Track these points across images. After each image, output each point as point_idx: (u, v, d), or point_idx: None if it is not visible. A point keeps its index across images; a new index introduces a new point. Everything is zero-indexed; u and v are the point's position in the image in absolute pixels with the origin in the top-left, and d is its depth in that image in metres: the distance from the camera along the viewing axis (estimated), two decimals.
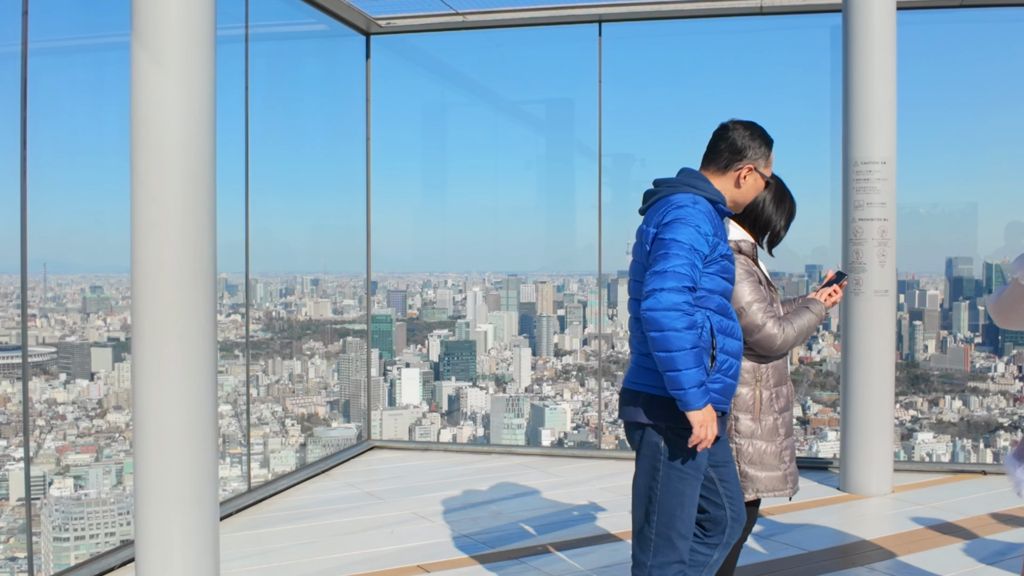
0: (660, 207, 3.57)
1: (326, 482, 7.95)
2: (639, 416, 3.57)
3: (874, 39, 7.15)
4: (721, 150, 3.72)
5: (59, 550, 7.67)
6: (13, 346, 8.07)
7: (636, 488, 3.68)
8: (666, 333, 3.31)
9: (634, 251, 3.71)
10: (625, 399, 3.64)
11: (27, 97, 5.33)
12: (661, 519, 3.58)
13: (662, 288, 3.33)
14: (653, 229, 3.52)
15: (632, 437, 3.66)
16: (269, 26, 8.79)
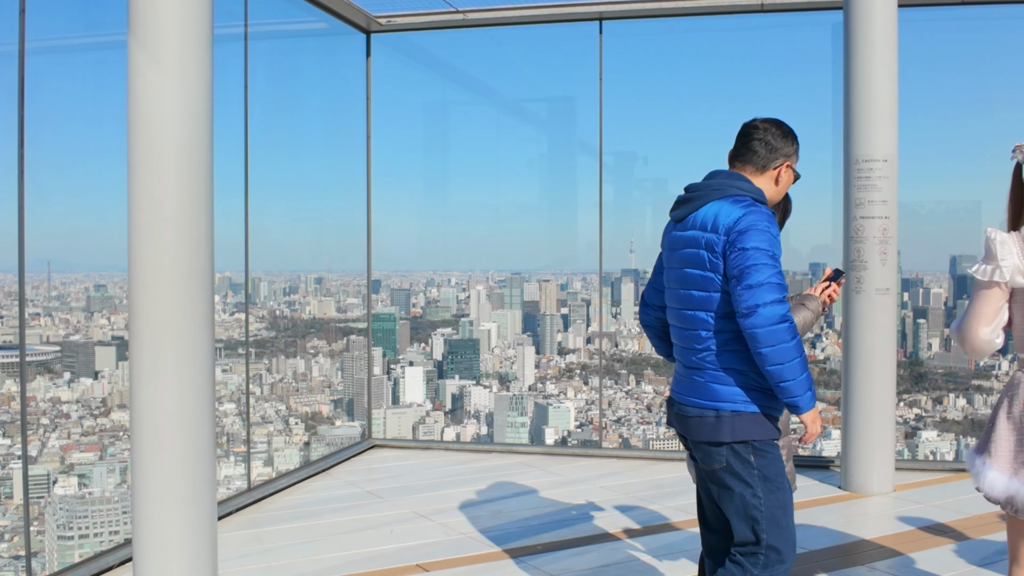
0: (717, 211, 3.49)
1: (327, 481, 7.95)
2: (722, 435, 3.51)
3: (875, 36, 7.12)
4: (756, 149, 3.66)
5: (63, 548, 7.68)
6: (15, 345, 8.09)
7: (732, 508, 3.58)
8: (777, 347, 3.30)
9: (673, 257, 3.66)
10: (699, 419, 3.55)
11: (24, 97, 5.33)
12: (771, 533, 3.54)
13: (764, 302, 3.30)
14: (722, 236, 3.42)
15: (711, 456, 3.56)
16: (269, 24, 8.79)
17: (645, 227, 11.53)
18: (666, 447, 10.39)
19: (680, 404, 3.64)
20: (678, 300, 3.63)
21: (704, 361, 3.53)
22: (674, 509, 6.83)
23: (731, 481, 3.54)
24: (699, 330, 3.53)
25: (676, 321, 3.66)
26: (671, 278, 3.69)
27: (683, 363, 3.66)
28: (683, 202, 3.66)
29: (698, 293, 3.52)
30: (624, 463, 8.52)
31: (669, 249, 3.72)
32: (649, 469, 8.20)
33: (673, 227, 3.71)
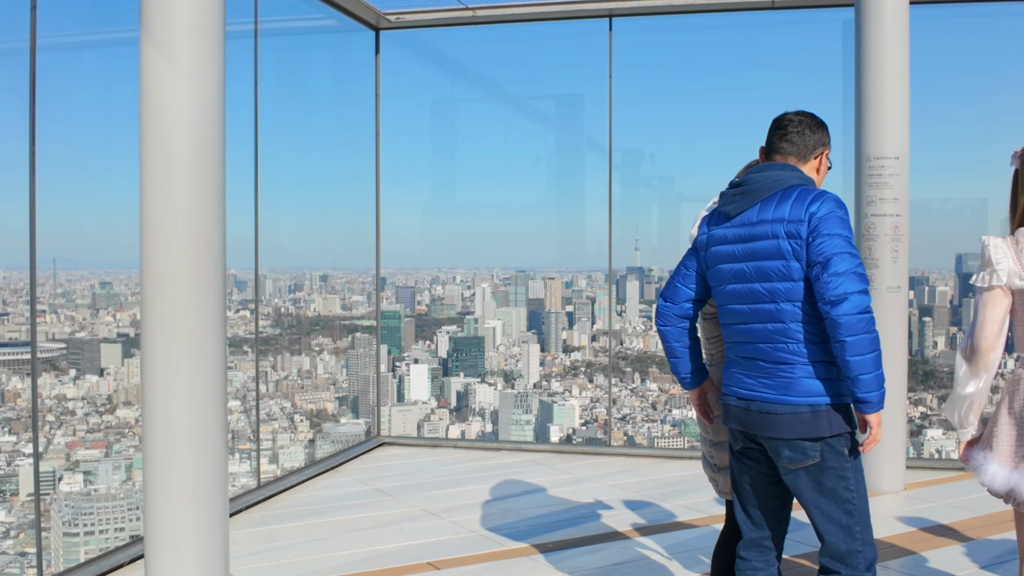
0: (791, 199, 3.43)
1: (336, 478, 7.94)
2: (820, 430, 3.42)
3: (887, 34, 7.10)
4: (795, 141, 3.62)
5: (68, 545, 7.68)
6: (23, 342, 8.08)
7: (823, 505, 3.50)
8: (860, 338, 3.26)
9: (733, 252, 3.57)
10: (792, 416, 3.44)
11: (36, 93, 5.32)
12: (863, 526, 3.51)
13: (853, 291, 3.26)
14: (805, 224, 3.35)
15: (805, 453, 3.46)
16: (278, 21, 8.77)
17: (651, 225, 11.52)
18: (673, 445, 10.39)
19: (760, 402, 3.50)
20: (750, 295, 3.51)
21: (794, 355, 3.44)
22: (684, 507, 6.82)
23: (824, 476, 3.47)
24: (787, 322, 3.43)
25: (746, 317, 3.54)
26: (729, 274, 3.58)
27: (759, 359, 3.52)
28: (738, 196, 3.58)
29: (783, 284, 3.42)
30: (632, 461, 8.51)
31: (721, 244, 3.62)
32: (658, 467, 8.20)
33: (725, 222, 3.62)
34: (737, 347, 3.63)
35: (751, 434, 3.60)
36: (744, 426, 3.59)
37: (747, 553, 3.80)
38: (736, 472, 3.78)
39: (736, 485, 3.79)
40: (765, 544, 3.77)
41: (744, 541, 3.80)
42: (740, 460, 3.73)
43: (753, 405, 3.53)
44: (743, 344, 3.59)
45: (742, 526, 3.80)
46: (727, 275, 3.60)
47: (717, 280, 3.66)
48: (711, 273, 3.69)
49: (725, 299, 3.63)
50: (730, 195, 3.62)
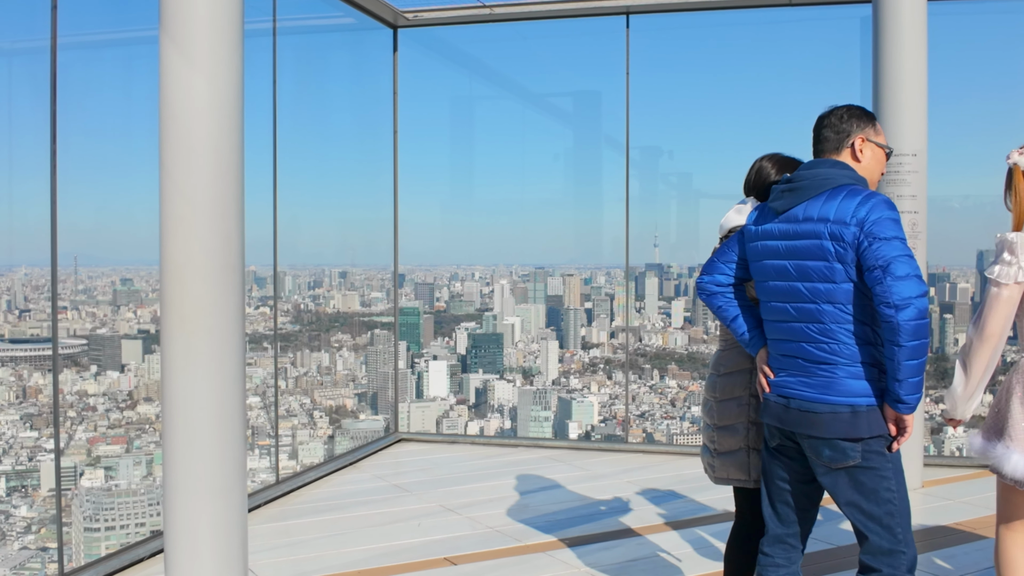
0: (837, 200, 3.40)
1: (354, 474, 7.98)
2: (860, 430, 3.41)
3: (904, 30, 7.08)
4: (827, 136, 3.62)
5: (90, 540, 7.73)
6: (44, 338, 8.14)
7: (863, 506, 3.47)
8: (921, 343, 3.27)
9: (776, 249, 3.56)
10: (832, 416, 3.43)
11: (56, 92, 5.36)
12: (904, 527, 3.48)
13: (915, 295, 3.24)
14: (852, 226, 3.33)
15: (845, 453, 3.44)
16: (297, 19, 8.81)
17: (670, 222, 11.51)
18: (691, 442, 10.38)
19: (800, 400, 3.50)
20: (792, 294, 3.52)
21: (836, 355, 3.43)
22: (701, 504, 6.82)
23: (865, 476, 3.45)
24: (828, 323, 3.43)
25: (788, 316, 3.55)
26: (772, 270, 3.59)
27: (800, 357, 3.52)
28: (787, 192, 3.57)
29: (824, 285, 3.42)
30: (650, 458, 8.52)
31: (767, 240, 3.61)
32: (675, 464, 8.20)
33: (773, 217, 3.61)
34: (778, 344, 3.64)
35: (788, 431, 3.60)
36: (782, 423, 3.58)
37: (770, 549, 3.79)
38: (768, 468, 3.78)
39: (766, 480, 3.79)
40: (789, 541, 3.77)
41: (768, 537, 3.80)
42: (774, 456, 3.74)
43: (792, 403, 3.54)
44: (784, 342, 3.60)
45: (768, 522, 3.79)
46: (770, 271, 3.61)
47: (761, 275, 3.66)
48: (755, 267, 3.70)
49: (768, 295, 3.64)
50: (779, 191, 3.61)
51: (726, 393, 4.12)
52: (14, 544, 7.50)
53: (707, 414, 4.21)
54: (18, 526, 7.59)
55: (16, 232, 7.84)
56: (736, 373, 4.10)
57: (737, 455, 4.08)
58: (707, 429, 4.22)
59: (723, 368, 4.17)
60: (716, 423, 4.14)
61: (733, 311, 3.85)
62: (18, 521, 7.61)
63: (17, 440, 7.87)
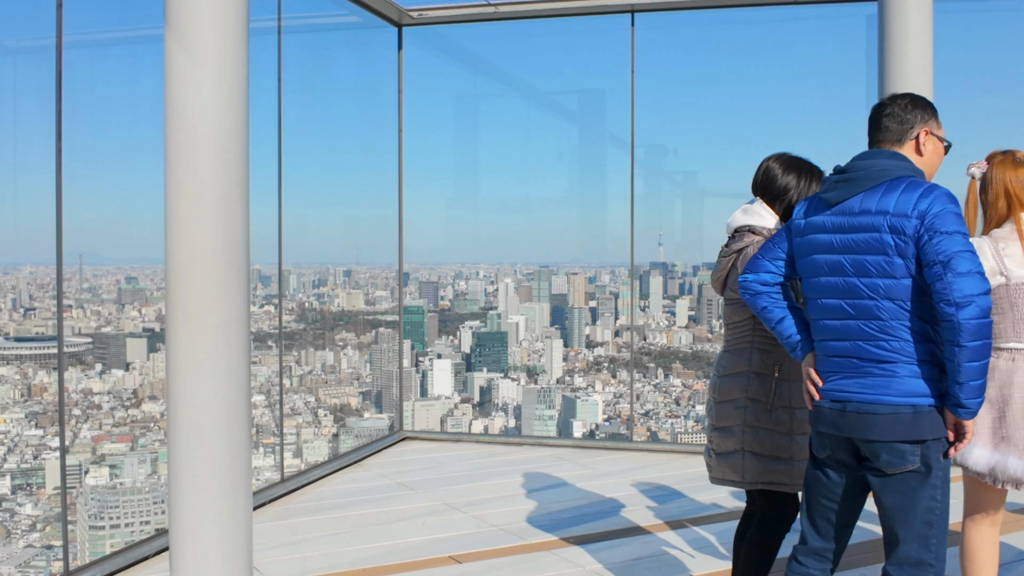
0: (897, 192, 3.28)
1: (358, 472, 7.98)
2: (922, 432, 3.26)
3: (910, 28, 7.06)
4: (888, 125, 3.49)
5: (95, 538, 7.74)
6: (50, 336, 8.15)
7: (908, 515, 3.34)
8: (984, 343, 3.13)
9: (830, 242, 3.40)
10: (893, 417, 3.27)
11: (62, 90, 5.37)
12: (940, 539, 3.36)
13: (978, 293, 3.13)
14: (913, 220, 3.20)
15: (903, 457, 3.29)
16: (302, 18, 8.81)
17: (674, 220, 11.50)
18: (696, 440, 10.38)
19: (858, 403, 3.33)
20: (848, 290, 3.35)
21: (896, 353, 3.28)
22: (706, 503, 6.82)
23: (918, 482, 3.32)
24: (888, 320, 3.28)
25: (843, 313, 3.38)
26: (825, 265, 3.42)
27: (856, 357, 3.35)
28: (841, 183, 3.42)
29: (883, 281, 3.27)
30: (654, 456, 8.51)
31: (818, 233, 3.46)
32: (680, 463, 8.19)
33: (825, 209, 3.46)
34: (829, 344, 3.47)
35: (842, 439, 3.42)
36: (838, 429, 3.40)
37: (805, 559, 3.64)
38: (812, 481, 3.59)
39: (809, 493, 3.62)
40: (825, 555, 3.62)
41: (804, 547, 3.64)
42: (821, 469, 3.55)
43: (849, 406, 3.36)
44: (837, 341, 3.43)
45: (805, 533, 3.63)
46: (821, 267, 3.44)
47: (810, 271, 3.50)
48: (804, 263, 3.53)
49: (818, 292, 3.47)
50: (832, 181, 3.46)
51: (724, 395, 4.12)
52: (19, 542, 7.52)
53: (708, 414, 4.23)
54: (23, 524, 7.60)
55: (21, 230, 7.85)
56: (735, 375, 4.09)
57: (732, 457, 4.07)
58: (708, 429, 4.24)
59: (722, 369, 4.16)
60: (715, 424, 4.16)
61: (779, 312, 3.65)
62: (23, 519, 7.62)
63: (22, 438, 7.88)
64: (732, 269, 4.07)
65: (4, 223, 7.98)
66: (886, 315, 3.29)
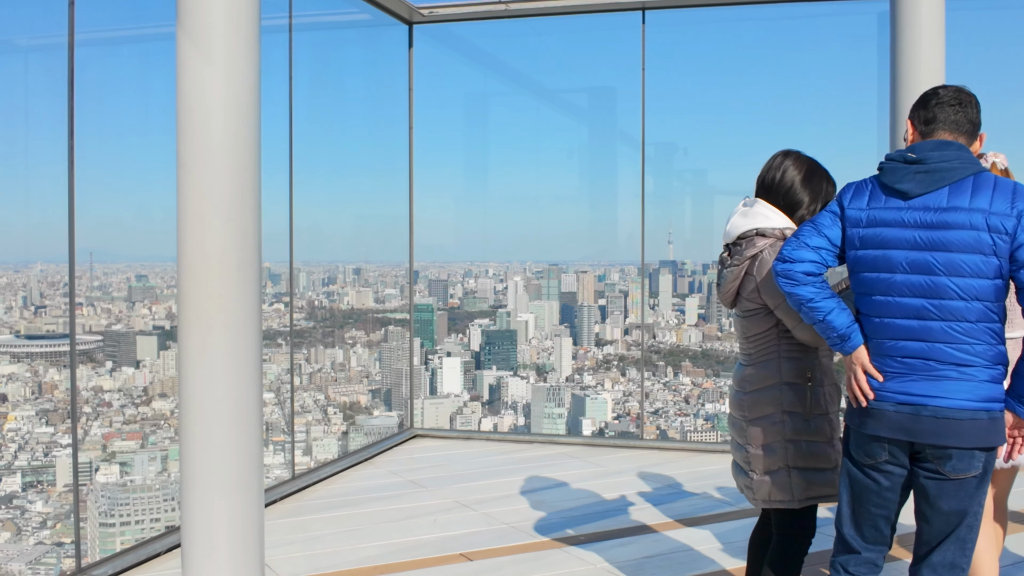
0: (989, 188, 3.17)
1: (369, 470, 7.99)
2: (995, 437, 3.21)
3: (922, 25, 7.04)
4: (973, 118, 3.35)
5: (105, 535, 7.76)
6: (60, 334, 8.17)
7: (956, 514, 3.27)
8: None
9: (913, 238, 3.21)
10: (972, 422, 3.17)
11: (74, 88, 5.38)
12: (974, 543, 3.33)
13: None
14: (1012, 217, 3.11)
15: (970, 464, 3.21)
16: (312, 16, 8.82)
17: (684, 218, 11.50)
18: (705, 439, 10.37)
19: (935, 407, 3.19)
20: (934, 289, 3.18)
21: (978, 357, 3.18)
22: (717, 501, 6.81)
23: (975, 487, 3.25)
24: (975, 321, 3.17)
25: (925, 313, 3.20)
26: (904, 262, 3.23)
27: (934, 359, 3.20)
28: (921, 174, 3.24)
29: (978, 281, 3.14)
30: (664, 454, 8.50)
31: (892, 227, 3.27)
32: (690, 461, 8.18)
33: (898, 200, 3.28)
34: (899, 345, 3.28)
35: (904, 444, 3.28)
36: (910, 434, 3.24)
37: (857, 570, 3.51)
38: (861, 489, 3.43)
39: (855, 502, 3.46)
40: (878, 563, 3.51)
41: (855, 557, 3.51)
42: (869, 476, 3.39)
43: (924, 411, 3.21)
44: (912, 342, 3.25)
45: (851, 543, 3.50)
46: (899, 263, 3.25)
47: (878, 266, 3.30)
48: (867, 256, 3.33)
49: (890, 290, 3.27)
50: (909, 171, 3.27)
51: (756, 412, 3.86)
52: (30, 539, 7.54)
53: (737, 433, 3.98)
54: (33, 521, 7.62)
55: (32, 229, 7.87)
56: (764, 390, 3.84)
57: (777, 476, 3.82)
58: (739, 449, 3.99)
59: (749, 385, 3.90)
60: (747, 444, 3.91)
61: (829, 304, 3.37)
62: (34, 516, 7.65)
63: (33, 436, 7.90)
64: (746, 278, 3.81)
65: (15, 222, 8.01)
66: (973, 317, 3.17)
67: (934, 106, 3.36)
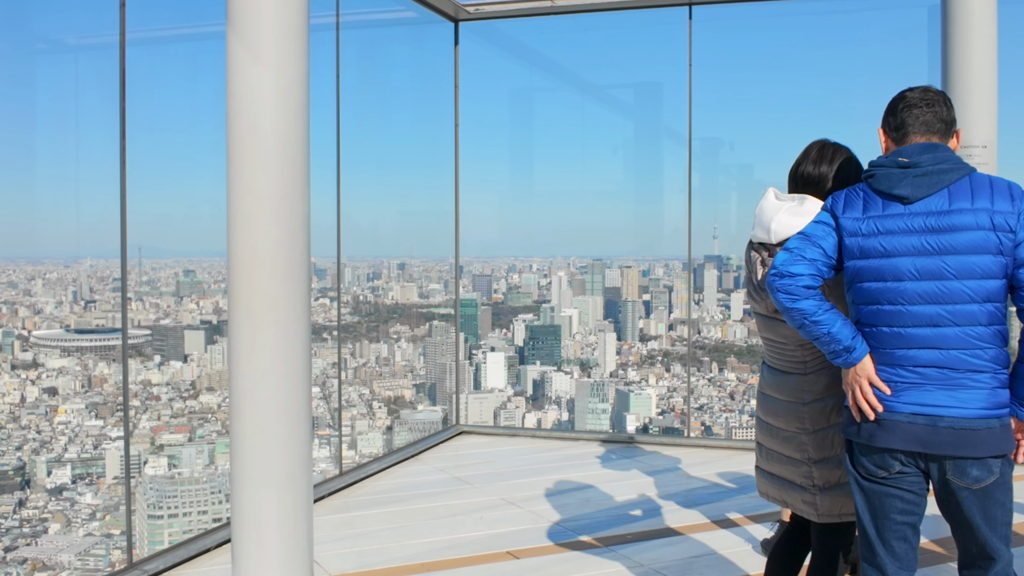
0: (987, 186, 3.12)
1: (416, 466, 8.02)
2: (1006, 444, 3.15)
3: (974, 18, 6.95)
4: (943, 116, 3.26)
5: (153, 528, 7.85)
6: (110, 328, 8.27)
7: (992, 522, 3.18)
8: None
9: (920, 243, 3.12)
10: (987, 431, 3.11)
11: (125, 87, 5.43)
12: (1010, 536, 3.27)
13: None
14: (1015, 215, 3.07)
15: (989, 470, 3.13)
16: (359, 14, 8.86)
17: (730, 214, 11.44)
18: (750, 436, 10.30)
19: (952, 418, 3.11)
20: (948, 295, 3.10)
21: (990, 363, 3.12)
22: (763, 501, 6.75)
23: (999, 491, 3.17)
24: (988, 325, 3.10)
25: (939, 320, 3.12)
26: (913, 269, 3.14)
27: (949, 367, 3.13)
28: (919, 177, 3.17)
29: (990, 282, 3.08)
30: (710, 452, 8.45)
31: (894, 234, 3.18)
32: (737, 459, 8.13)
33: (890, 208, 3.20)
34: (912, 354, 3.18)
35: (921, 455, 3.20)
36: (927, 446, 3.15)
37: None
38: (878, 503, 3.32)
39: (876, 518, 3.34)
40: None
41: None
42: (886, 487, 3.29)
43: (942, 422, 3.12)
44: (926, 351, 3.16)
45: (884, 566, 3.34)
46: (907, 270, 3.16)
47: (887, 274, 3.20)
48: (871, 265, 3.23)
49: (900, 298, 3.18)
50: (906, 176, 3.20)
51: (820, 422, 3.63)
52: (79, 531, 7.64)
53: (791, 448, 3.74)
54: (83, 513, 7.72)
55: (83, 225, 7.97)
56: (829, 398, 3.62)
57: (844, 488, 3.62)
58: (793, 464, 3.74)
59: (810, 396, 3.65)
60: (810, 457, 3.67)
61: (831, 316, 3.25)
62: (83, 508, 7.74)
63: (83, 428, 8.01)
64: None
65: (67, 218, 8.11)
66: (985, 320, 3.10)
67: (901, 111, 3.30)
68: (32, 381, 8.07)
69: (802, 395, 3.66)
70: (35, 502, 7.68)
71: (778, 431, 3.78)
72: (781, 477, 3.80)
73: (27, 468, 7.79)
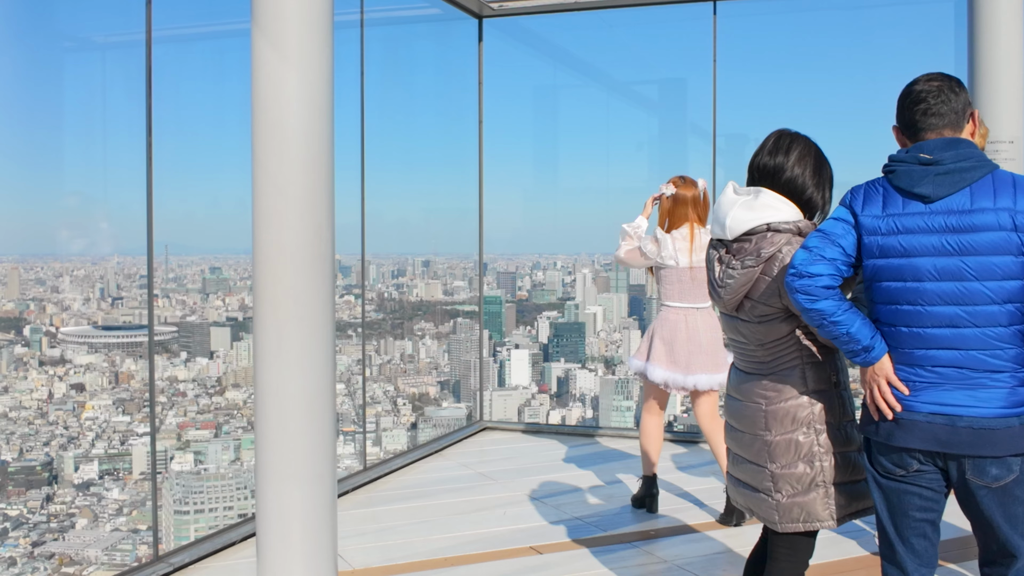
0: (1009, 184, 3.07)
1: (439, 462, 8.04)
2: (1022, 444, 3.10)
3: (1000, 12, 6.91)
4: (943, 110, 3.19)
5: (179, 523, 7.91)
6: (137, 325, 8.33)
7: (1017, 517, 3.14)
8: None
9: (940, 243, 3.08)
10: (1007, 431, 3.07)
11: (152, 85, 5.47)
12: None
13: None
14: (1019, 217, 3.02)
15: (1009, 469, 3.09)
16: (384, 11, 8.88)
17: None
18: None
19: (971, 417, 3.09)
20: (968, 295, 3.07)
21: (1011, 363, 3.09)
22: None
23: (1019, 490, 3.13)
24: (1009, 326, 3.07)
25: (959, 321, 3.09)
26: (933, 270, 3.10)
27: (969, 368, 3.10)
28: (941, 175, 3.12)
29: (1011, 283, 3.03)
30: None
31: (914, 233, 3.13)
32: None
33: (917, 204, 3.15)
34: (931, 355, 3.15)
35: (939, 454, 3.16)
36: (945, 446, 3.12)
37: None
38: (897, 496, 3.28)
39: (896, 511, 3.30)
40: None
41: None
42: (904, 485, 3.26)
43: (961, 421, 3.09)
44: (945, 351, 3.12)
45: (904, 564, 3.31)
46: (927, 270, 3.12)
47: (906, 274, 3.17)
48: (891, 265, 3.19)
49: (919, 298, 3.14)
50: (928, 174, 3.14)
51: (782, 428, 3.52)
52: (106, 526, 7.70)
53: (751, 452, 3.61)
54: (110, 508, 7.79)
55: (110, 222, 8.03)
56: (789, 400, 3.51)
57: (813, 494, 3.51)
58: (754, 469, 3.61)
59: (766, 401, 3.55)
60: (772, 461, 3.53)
61: (851, 316, 3.20)
62: (110, 503, 7.81)
63: (110, 424, 8.07)
64: (760, 280, 3.45)
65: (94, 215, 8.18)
66: (1006, 320, 3.06)
67: (908, 107, 3.26)
68: (60, 377, 8.14)
69: (760, 398, 3.56)
70: (62, 497, 7.76)
71: (737, 434, 3.68)
72: (747, 483, 3.67)
73: (55, 464, 7.87)
